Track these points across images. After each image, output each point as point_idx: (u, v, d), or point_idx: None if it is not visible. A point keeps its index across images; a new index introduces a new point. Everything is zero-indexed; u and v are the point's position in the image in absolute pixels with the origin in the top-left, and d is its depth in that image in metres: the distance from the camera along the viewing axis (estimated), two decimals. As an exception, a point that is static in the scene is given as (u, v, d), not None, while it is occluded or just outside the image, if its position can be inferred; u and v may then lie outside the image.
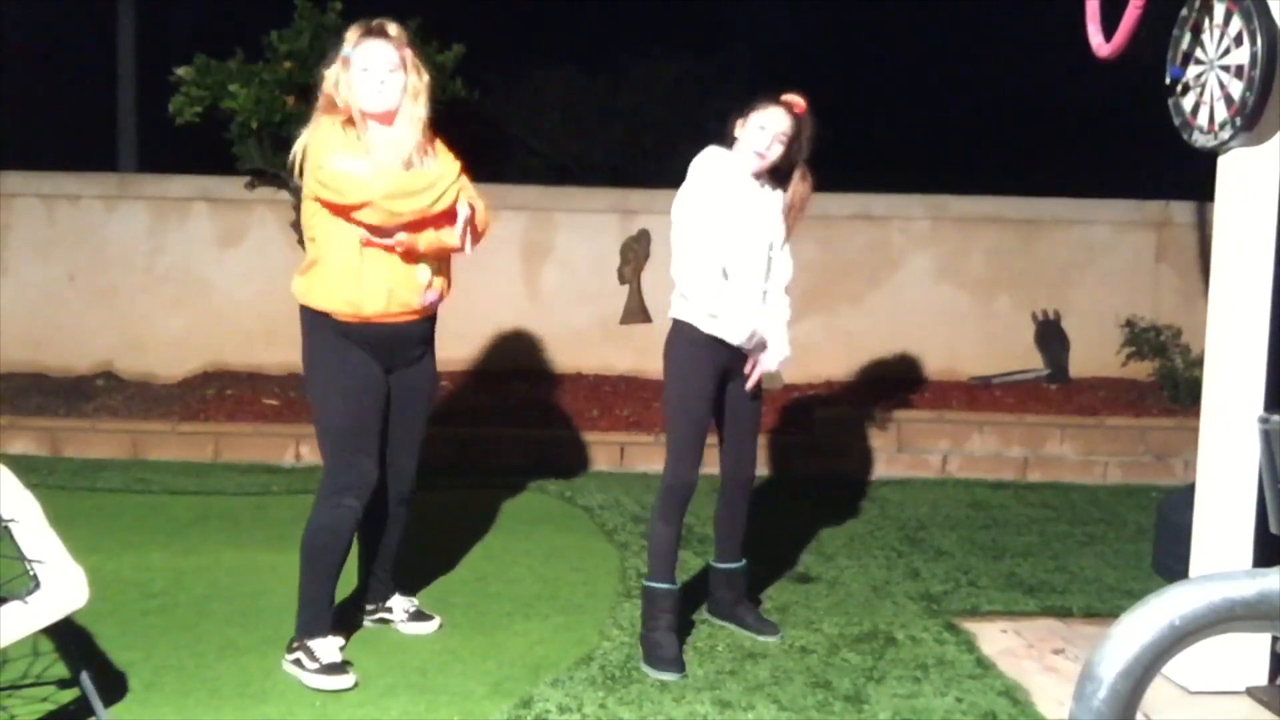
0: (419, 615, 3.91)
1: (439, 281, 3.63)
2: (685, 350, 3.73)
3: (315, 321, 3.57)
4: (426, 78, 3.59)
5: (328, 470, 3.58)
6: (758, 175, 3.79)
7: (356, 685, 3.38)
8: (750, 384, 3.82)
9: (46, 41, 10.83)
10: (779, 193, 3.87)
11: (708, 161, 3.78)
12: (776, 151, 3.76)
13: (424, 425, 3.81)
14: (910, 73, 12.02)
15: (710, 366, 3.72)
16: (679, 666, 3.57)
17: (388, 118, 3.51)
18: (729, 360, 3.76)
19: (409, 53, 3.55)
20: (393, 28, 3.54)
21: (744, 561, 3.96)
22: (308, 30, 6.58)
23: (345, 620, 3.77)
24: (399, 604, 3.91)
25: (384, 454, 3.64)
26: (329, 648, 3.47)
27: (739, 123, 3.78)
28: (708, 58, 10.53)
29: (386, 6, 3.73)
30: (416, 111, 3.53)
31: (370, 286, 3.47)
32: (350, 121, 3.52)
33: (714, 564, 4.00)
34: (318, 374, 3.61)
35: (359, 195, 3.39)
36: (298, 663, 3.45)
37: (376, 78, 3.47)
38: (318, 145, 3.48)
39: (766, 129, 3.73)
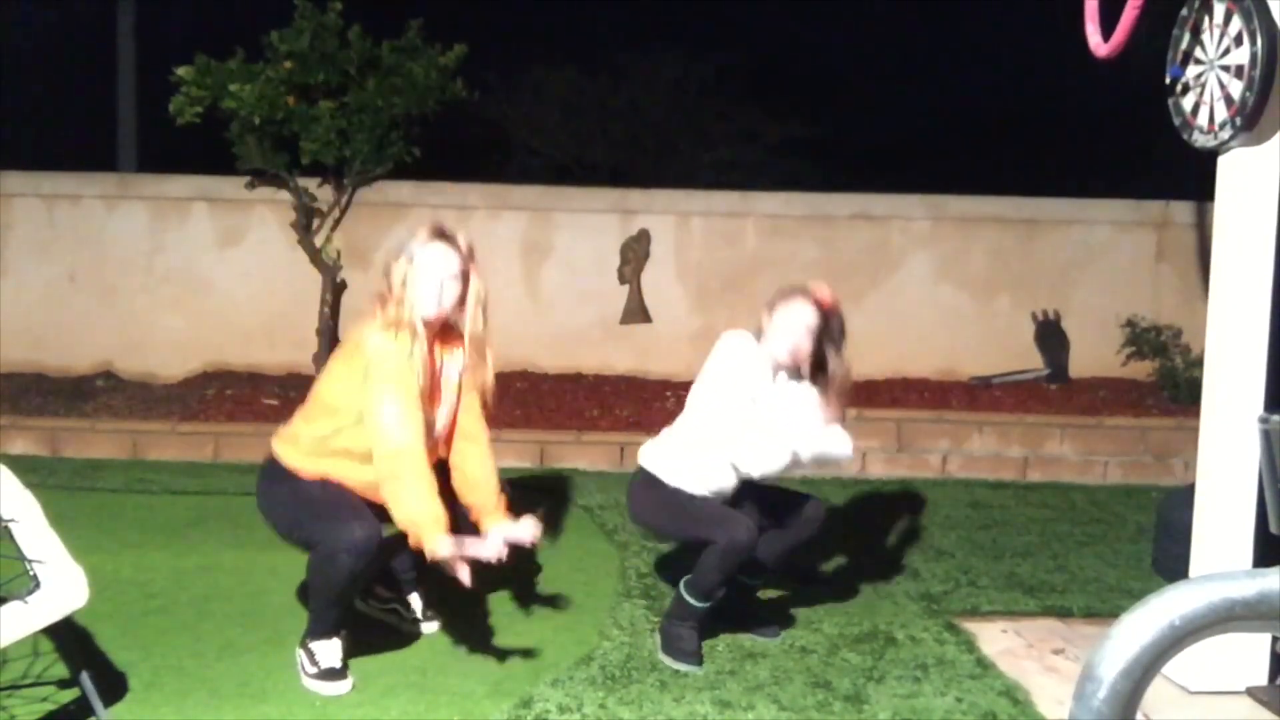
0: (427, 616, 3.88)
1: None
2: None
3: (284, 472, 3.49)
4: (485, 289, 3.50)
5: (313, 545, 3.37)
6: (781, 367, 3.73)
7: (354, 688, 3.38)
8: None
9: (46, 41, 10.83)
10: (801, 382, 3.78)
11: (735, 350, 3.70)
12: (805, 347, 3.69)
13: None
14: (910, 73, 12.03)
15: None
16: (700, 660, 3.59)
17: (438, 325, 3.46)
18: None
19: (473, 265, 3.47)
20: (462, 237, 3.48)
21: (762, 579, 3.95)
22: (308, 30, 6.59)
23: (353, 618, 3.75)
24: (415, 602, 3.86)
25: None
26: (330, 652, 3.43)
27: (765, 315, 3.71)
28: (708, 58, 10.55)
29: (388, 7, 3.73)
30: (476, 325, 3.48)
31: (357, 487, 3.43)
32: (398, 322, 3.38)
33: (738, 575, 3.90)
34: (289, 501, 3.48)
35: (378, 446, 3.31)
36: (301, 660, 3.45)
37: (437, 279, 3.39)
38: (388, 365, 3.34)
39: (794, 324, 3.66)
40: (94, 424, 6.29)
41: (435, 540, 3.18)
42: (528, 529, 3.39)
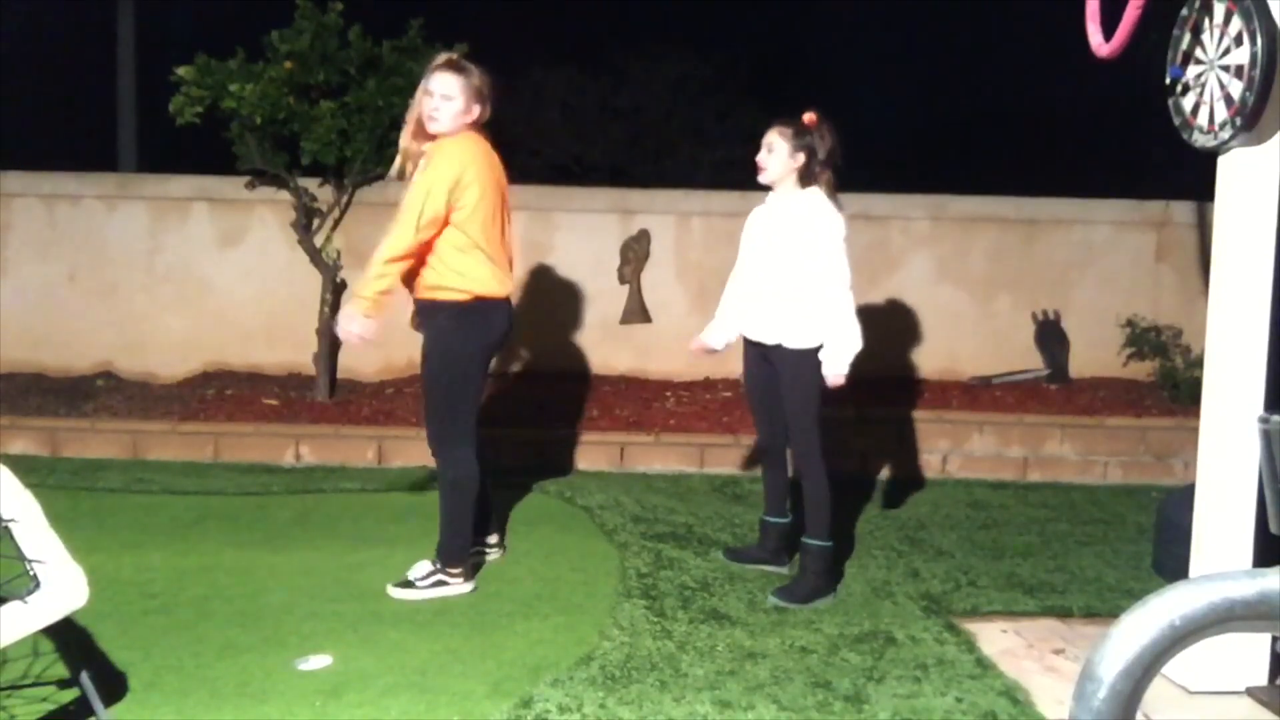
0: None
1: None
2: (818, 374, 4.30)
3: None
4: None
5: None
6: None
7: (353, 688, 3.38)
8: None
9: (46, 41, 10.84)
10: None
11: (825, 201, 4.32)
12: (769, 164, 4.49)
13: (428, 391, 4.51)
14: (911, 73, 12.04)
15: None
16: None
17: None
18: None
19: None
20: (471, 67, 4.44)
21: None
22: (308, 30, 6.58)
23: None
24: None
25: None
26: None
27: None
28: (708, 58, 10.54)
29: (388, 7, 3.73)
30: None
31: None
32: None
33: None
34: None
35: None
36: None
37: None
38: None
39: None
40: (94, 424, 6.29)
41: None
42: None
